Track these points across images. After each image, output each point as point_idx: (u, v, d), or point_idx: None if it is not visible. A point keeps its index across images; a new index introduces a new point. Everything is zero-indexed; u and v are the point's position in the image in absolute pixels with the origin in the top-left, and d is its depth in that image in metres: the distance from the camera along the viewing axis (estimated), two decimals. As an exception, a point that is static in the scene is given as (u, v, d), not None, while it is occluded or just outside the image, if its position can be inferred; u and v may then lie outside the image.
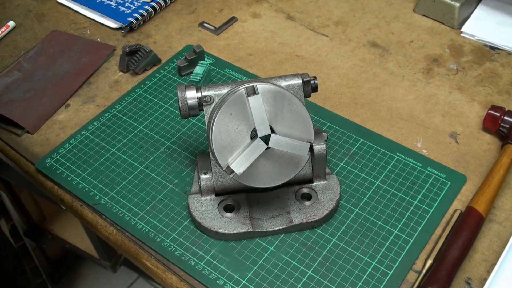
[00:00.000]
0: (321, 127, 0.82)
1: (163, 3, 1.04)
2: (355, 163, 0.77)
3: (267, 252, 0.68)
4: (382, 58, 0.93)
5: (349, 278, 0.65)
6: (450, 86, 0.88)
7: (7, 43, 1.00)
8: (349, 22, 1.00)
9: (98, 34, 1.01)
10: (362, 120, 0.83)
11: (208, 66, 0.87)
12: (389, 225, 0.70)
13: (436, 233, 0.69)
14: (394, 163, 0.77)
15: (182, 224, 0.71)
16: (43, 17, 1.05)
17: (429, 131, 0.81)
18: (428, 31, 0.98)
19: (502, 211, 0.71)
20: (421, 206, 0.71)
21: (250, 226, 0.68)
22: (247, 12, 1.04)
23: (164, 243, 0.69)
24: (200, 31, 1.00)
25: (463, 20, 0.98)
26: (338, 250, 0.67)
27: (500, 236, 0.68)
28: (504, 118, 0.77)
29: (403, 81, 0.89)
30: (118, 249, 0.73)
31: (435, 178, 0.74)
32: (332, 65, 0.92)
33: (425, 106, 0.85)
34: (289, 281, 0.65)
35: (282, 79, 0.67)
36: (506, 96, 0.85)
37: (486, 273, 0.65)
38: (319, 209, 0.69)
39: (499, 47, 0.93)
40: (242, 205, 0.70)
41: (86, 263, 1.68)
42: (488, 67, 0.90)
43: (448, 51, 0.94)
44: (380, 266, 0.66)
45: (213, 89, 0.67)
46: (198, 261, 0.67)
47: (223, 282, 0.65)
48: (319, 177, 0.71)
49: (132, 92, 0.89)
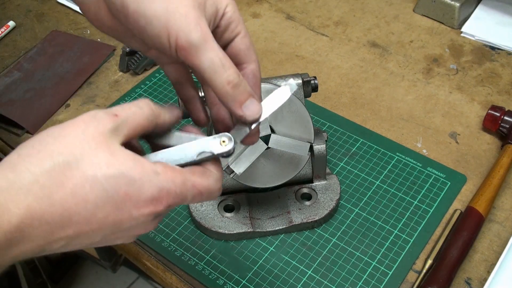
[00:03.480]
0: (321, 127, 0.82)
1: (163, 3, 1.04)
2: (355, 163, 0.77)
3: (267, 252, 0.68)
4: (382, 58, 0.93)
5: (349, 278, 0.65)
6: (450, 86, 0.88)
7: (7, 43, 1.00)
8: (349, 22, 1.00)
9: (98, 34, 1.01)
10: (362, 120, 0.83)
11: (208, 66, 0.87)
12: (389, 225, 0.70)
13: (436, 233, 0.69)
14: (394, 163, 0.77)
15: (182, 224, 0.71)
16: (43, 17, 1.05)
17: (429, 131, 0.81)
18: (428, 31, 0.98)
19: (502, 211, 0.71)
20: (421, 206, 0.71)
21: (250, 226, 0.68)
22: (247, 12, 1.04)
23: (164, 243, 0.69)
24: (200, 31, 1.00)
25: (463, 20, 0.98)
26: (338, 250, 0.67)
27: (500, 236, 0.68)
28: (504, 118, 0.77)
29: (403, 81, 0.89)
30: (118, 249, 0.73)
31: (435, 178, 0.74)
32: (332, 65, 0.92)
33: (425, 106, 0.85)
34: (289, 281, 0.65)
35: (282, 79, 0.67)
36: (506, 96, 0.85)
37: (486, 273, 0.65)
38: (319, 209, 0.69)
39: (499, 47, 0.93)
40: (242, 205, 0.70)
41: (86, 263, 1.68)
42: (488, 67, 0.90)
43: (448, 51, 0.94)
44: (380, 266, 0.66)
45: (213, 89, 0.66)
46: (198, 261, 0.67)
47: (223, 282, 0.65)
48: (319, 177, 0.71)
49: (132, 92, 0.89)
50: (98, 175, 0.36)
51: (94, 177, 0.36)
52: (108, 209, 0.37)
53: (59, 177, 0.35)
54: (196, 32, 0.40)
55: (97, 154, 0.36)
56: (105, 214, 0.37)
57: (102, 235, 0.38)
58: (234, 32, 0.45)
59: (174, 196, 0.39)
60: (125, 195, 0.37)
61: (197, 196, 0.41)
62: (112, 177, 0.36)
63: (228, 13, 0.44)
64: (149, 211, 0.38)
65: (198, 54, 0.41)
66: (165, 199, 0.39)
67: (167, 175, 0.39)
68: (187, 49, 0.41)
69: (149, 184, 0.38)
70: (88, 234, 0.37)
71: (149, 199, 0.38)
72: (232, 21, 0.44)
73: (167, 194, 0.39)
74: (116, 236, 0.40)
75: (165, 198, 0.39)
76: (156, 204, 0.38)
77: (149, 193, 0.38)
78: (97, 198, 0.36)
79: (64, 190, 0.35)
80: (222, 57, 0.41)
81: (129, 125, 0.39)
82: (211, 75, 0.41)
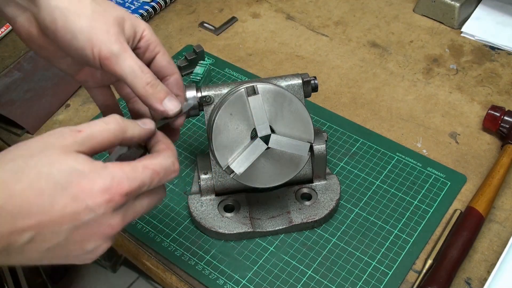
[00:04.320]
0: (321, 127, 0.82)
1: (163, 3, 1.04)
2: (355, 163, 0.77)
3: (267, 252, 0.68)
4: (382, 58, 0.93)
5: (349, 278, 0.65)
6: (450, 86, 0.88)
7: (7, 43, 1.00)
8: (349, 22, 1.01)
9: (98, 34, 1.00)
10: (362, 120, 0.83)
11: (208, 66, 0.87)
12: (389, 225, 0.70)
13: (436, 233, 0.69)
14: (394, 163, 0.77)
15: (182, 224, 0.71)
16: (43, 17, 1.05)
17: (429, 131, 0.81)
18: (428, 31, 0.98)
19: (502, 211, 0.71)
20: (421, 206, 0.71)
21: (250, 226, 0.68)
22: (247, 12, 1.04)
23: (164, 243, 0.69)
24: (200, 31, 1.00)
25: (463, 20, 0.98)
26: (338, 250, 0.67)
27: (500, 236, 0.68)
28: (504, 118, 0.77)
29: (403, 81, 0.89)
30: (118, 249, 0.73)
31: (435, 178, 0.74)
32: (332, 65, 0.92)
33: (425, 106, 0.85)
34: (289, 281, 0.65)
35: (282, 79, 0.67)
36: (506, 96, 0.85)
37: (486, 273, 0.65)
38: (319, 209, 0.69)
39: (499, 47, 0.93)
40: (242, 205, 0.70)
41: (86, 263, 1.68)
42: (488, 67, 0.90)
43: (448, 51, 0.94)
44: (380, 266, 0.66)
45: (213, 89, 0.67)
46: (198, 261, 0.67)
47: (223, 282, 0.65)
48: (319, 177, 0.71)
49: (132, 92, 0.89)
50: (53, 171, 0.40)
51: (49, 173, 0.40)
52: (65, 200, 0.40)
53: (17, 175, 0.39)
54: (116, 44, 0.48)
55: (52, 154, 0.41)
56: (63, 205, 0.40)
57: (66, 231, 0.40)
58: (154, 51, 0.53)
59: (127, 184, 0.42)
60: (79, 187, 0.40)
61: (155, 175, 0.44)
62: (65, 172, 0.40)
63: (146, 35, 0.52)
64: (104, 199, 0.41)
65: (119, 62, 0.48)
66: (118, 186, 0.41)
67: (115, 166, 0.42)
68: (110, 59, 0.48)
69: (100, 176, 0.41)
70: (51, 228, 0.40)
71: (101, 189, 0.41)
72: (150, 42, 0.53)
73: (118, 182, 0.41)
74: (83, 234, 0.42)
75: (117, 186, 0.41)
76: (110, 193, 0.41)
77: (101, 183, 0.41)
78: (53, 190, 0.39)
79: (22, 184, 0.39)
80: (140, 64, 0.49)
81: (93, 140, 0.43)
82: (132, 79, 0.49)
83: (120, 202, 0.42)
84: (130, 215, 0.44)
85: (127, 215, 0.44)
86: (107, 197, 0.41)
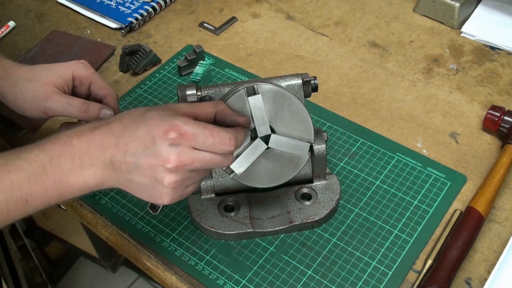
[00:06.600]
0: (321, 127, 0.82)
1: (163, 3, 1.04)
2: (355, 163, 0.77)
3: (267, 252, 0.68)
4: (382, 58, 0.93)
5: (349, 278, 0.65)
6: (450, 86, 0.88)
7: (7, 43, 1.00)
8: (349, 22, 1.01)
9: (98, 34, 1.01)
10: (362, 120, 0.83)
11: (208, 66, 0.87)
12: (389, 225, 0.70)
13: (436, 233, 0.69)
14: (394, 163, 0.77)
15: (182, 224, 0.71)
16: (43, 17, 1.05)
17: (429, 131, 0.81)
18: (428, 31, 0.98)
19: (502, 211, 0.71)
20: (421, 206, 0.71)
21: (250, 226, 0.68)
22: (247, 12, 1.04)
23: (164, 243, 0.69)
24: (200, 31, 1.00)
25: (463, 20, 0.98)
26: (338, 250, 0.67)
27: (500, 236, 0.68)
28: (504, 118, 0.77)
29: (403, 81, 0.89)
30: (118, 249, 0.73)
31: (435, 178, 0.74)
32: (332, 65, 0.92)
33: (425, 106, 0.85)
34: (289, 281, 0.65)
35: (282, 79, 0.67)
36: (506, 96, 0.85)
37: (486, 273, 0.65)
38: (319, 209, 0.69)
39: (499, 47, 0.93)
40: (242, 205, 0.70)
41: (86, 263, 1.68)
42: (488, 67, 0.90)
43: (448, 51, 0.94)
44: (380, 266, 0.66)
45: (213, 89, 0.67)
46: (198, 261, 0.67)
47: (223, 282, 0.65)
48: (319, 177, 0.71)
49: (132, 92, 0.89)
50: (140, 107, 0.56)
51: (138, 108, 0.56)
52: (135, 115, 0.54)
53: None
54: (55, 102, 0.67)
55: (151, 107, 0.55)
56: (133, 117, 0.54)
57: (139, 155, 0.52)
58: (87, 83, 0.70)
59: (188, 129, 0.51)
60: (149, 116, 0.52)
61: (209, 137, 0.52)
62: (147, 109, 0.54)
63: (77, 75, 0.69)
64: (164, 131, 0.51)
65: (53, 110, 0.68)
66: (179, 127, 0.51)
67: (184, 116, 0.53)
68: (47, 112, 0.68)
69: (169, 118, 0.52)
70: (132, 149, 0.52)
71: (166, 125, 0.51)
72: (82, 77, 0.69)
73: (180, 125, 0.51)
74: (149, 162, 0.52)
75: (179, 127, 0.51)
76: (172, 129, 0.51)
77: (166, 124, 0.51)
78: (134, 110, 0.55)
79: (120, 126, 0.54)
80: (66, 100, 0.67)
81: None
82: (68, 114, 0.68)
83: (174, 138, 0.51)
84: (185, 154, 0.52)
85: (183, 154, 0.51)
86: (167, 129, 0.51)
